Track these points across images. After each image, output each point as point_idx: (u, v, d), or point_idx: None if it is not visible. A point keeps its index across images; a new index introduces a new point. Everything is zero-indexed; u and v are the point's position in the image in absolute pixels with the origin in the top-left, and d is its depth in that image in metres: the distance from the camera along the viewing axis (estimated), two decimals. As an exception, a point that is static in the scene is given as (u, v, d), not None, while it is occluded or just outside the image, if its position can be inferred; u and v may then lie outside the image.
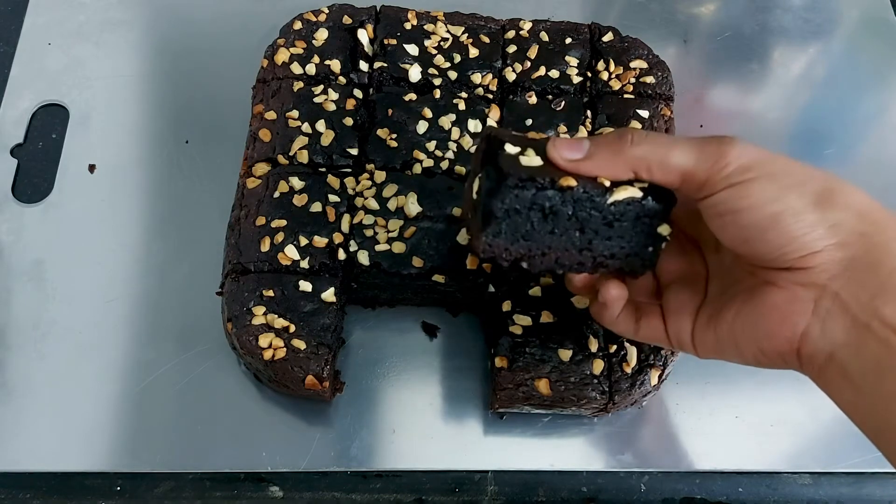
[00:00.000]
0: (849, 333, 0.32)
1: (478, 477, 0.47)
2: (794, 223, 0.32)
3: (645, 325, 0.40)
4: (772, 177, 0.32)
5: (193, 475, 0.47)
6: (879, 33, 0.66)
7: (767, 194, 0.32)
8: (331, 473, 0.47)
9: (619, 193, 0.35)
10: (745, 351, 0.36)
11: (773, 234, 0.32)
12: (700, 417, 0.50)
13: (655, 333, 0.40)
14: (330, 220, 0.48)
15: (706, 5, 0.66)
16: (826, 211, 0.32)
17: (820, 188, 0.32)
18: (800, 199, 0.32)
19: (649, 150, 0.34)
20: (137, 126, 0.57)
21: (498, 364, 0.46)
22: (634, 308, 0.41)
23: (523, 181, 0.34)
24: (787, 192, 0.32)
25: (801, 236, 0.32)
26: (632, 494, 0.48)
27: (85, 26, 0.60)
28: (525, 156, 0.36)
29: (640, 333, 0.41)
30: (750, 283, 0.35)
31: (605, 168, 0.35)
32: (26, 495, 0.46)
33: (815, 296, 0.33)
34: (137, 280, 0.51)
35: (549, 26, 0.56)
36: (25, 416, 0.47)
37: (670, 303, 0.40)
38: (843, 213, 0.32)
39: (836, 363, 0.32)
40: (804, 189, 0.32)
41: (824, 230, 0.32)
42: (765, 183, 0.32)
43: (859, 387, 0.32)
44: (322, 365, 0.45)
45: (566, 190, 0.35)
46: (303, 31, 0.54)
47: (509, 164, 0.35)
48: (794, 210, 0.32)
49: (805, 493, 0.48)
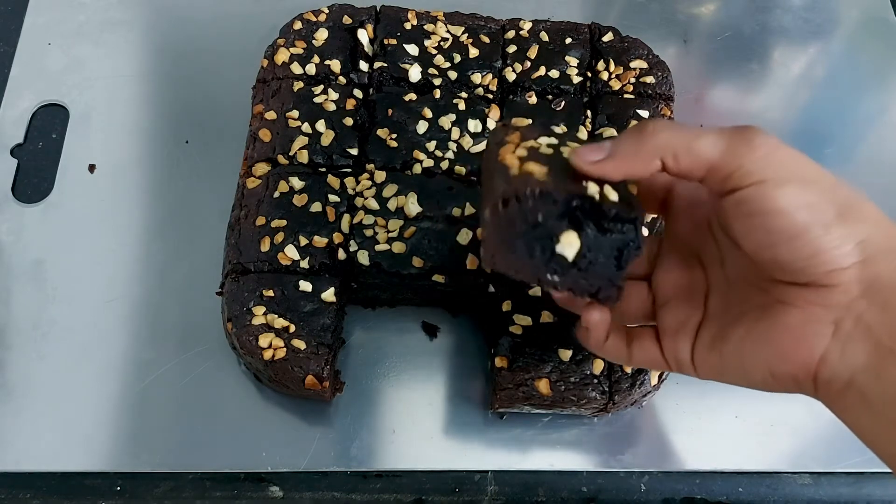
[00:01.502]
0: (871, 358, 0.30)
1: (478, 477, 0.47)
2: (824, 234, 0.30)
3: (638, 349, 0.38)
4: (805, 181, 0.31)
5: (193, 475, 0.47)
6: (879, 33, 0.66)
7: (801, 199, 0.30)
8: (331, 473, 0.47)
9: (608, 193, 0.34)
10: (753, 373, 0.34)
11: (801, 242, 0.30)
12: (700, 417, 0.50)
13: (650, 356, 0.38)
14: (330, 220, 0.48)
15: (706, 5, 0.66)
16: (855, 225, 0.30)
17: (847, 200, 0.31)
18: (830, 208, 0.30)
19: (673, 136, 0.32)
20: (137, 126, 0.57)
21: (498, 364, 0.46)
22: (626, 332, 0.39)
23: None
24: (820, 199, 0.30)
25: (830, 249, 0.30)
26: (632, 494, 0.48)
27: (85, 26, 0.60)
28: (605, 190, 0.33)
29: (634, 359, 0.38)
30: (761, 300, 0.33)
31: (629, 163, 0.33)
32: (26, 495, 0.46)
33: (836, 317, 0.31)
34: (137, 280, 0.51)
35: (549, 26, 0.56)
36: (25, 416, 0.47)
37: (667, 322, 0.37)
38: (872, 229, 0.30)
39: (856, 389, 0.31)
40: (834, 198, 0.30)
41: (853, 246, 0.30)
42: (798, 187, 0.30)
43: (879, 413, 0.30)
44: (322, 365, 0.45)
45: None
46: (303, 31, 0.54)
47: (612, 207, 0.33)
48: (825, 221, 0.30)
49: (805, 493, 0.48)
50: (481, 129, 0.51)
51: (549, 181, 0.33)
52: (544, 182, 0.33)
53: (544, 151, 0.36)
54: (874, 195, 0.32)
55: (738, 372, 0.35)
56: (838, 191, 0.31)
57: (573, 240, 0.34)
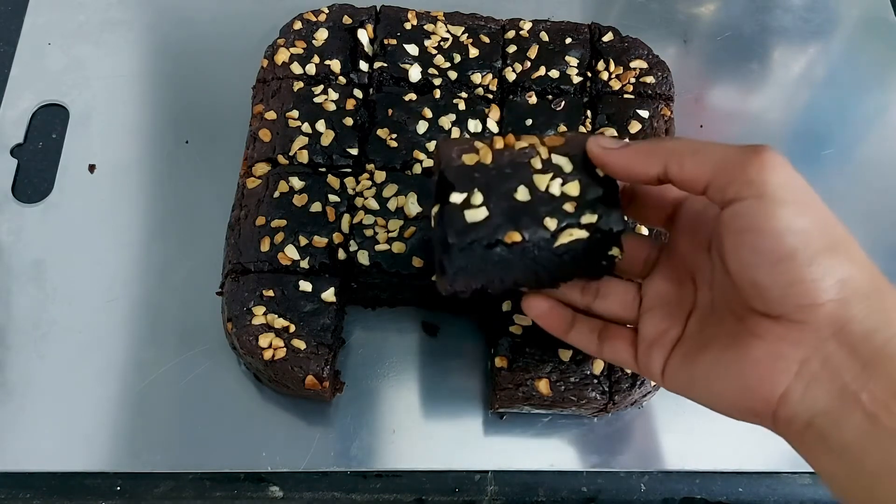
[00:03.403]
0: (832, 402, 0.30)
1: (478, 477, 0.47)
2: (807, 265, 0.30)
3: (609, 348, 0.39)
4: (803, 206, 0.30)
5: (193, 475, 0.47)
6: (879, 33, 0.66)
7: (795, 223, 0.30)
8: (331, 473, 0.47)
9: (563, 238, 0.36)
10: (717, 400, 0.34)
11: (784, 268, 0.30)
12: (700, 417, 0.49)
13: (621, 357, 0.39)
14: (330, 220, 0.48)
15: (706, 5, 0.66)
16: (841, 262, 0.30)
17: (839, 236, 0.31)
18: (821, 240, 0.30)
19: (682, 143, 0.33)
20: (137, 126, 0.57)
21: (498, 364, 0.46)
22: (602, 327, 0.40)
23: (471, 241, 0.36)
24: (813, 228, 0.30)
25: (809, 281, 0.30)
26: (632, 494, 0.48)
27: (85, 26, 0.60)
28: (471, 208, 0.36)
29: (604, 355, 0.39)
30: (734, 329, 0.33)
31: (637, 161, 0.34)
32: (26, 495, 0.46)
33: (804, 356, 0.30)
34: (137, 280, 0.51)
35: (549, 26, 0.56)
36: (25, 416, 0.47)
37: (647, 330, 0.38)
38: (856, 269, 0.30)
39: (815, 431, 0.30)
40: (827, 231, 0.30)
41: (833, 282, 0.30)
42: (795, 210, 0.30)
43: (839, 458, 0.30)
44: (322, 365, 0.45)
45: (513, 245, 0.36)
46: (303, 31, 0.54)
47: (456, 221, 0.36)
48: (813, 251, 0.30)
49: (805, 493, 0.48)
50: (481, 129, 0.51)
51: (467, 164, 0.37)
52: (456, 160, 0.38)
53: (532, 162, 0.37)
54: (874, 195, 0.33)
55: (703, 395, 0.35)
56: (832, 225, 0.31)
57: (436, 211, 0.38)
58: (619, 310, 0.40)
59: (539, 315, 0.40)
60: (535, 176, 0.37)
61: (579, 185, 0.36)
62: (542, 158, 0.37)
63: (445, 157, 0.38)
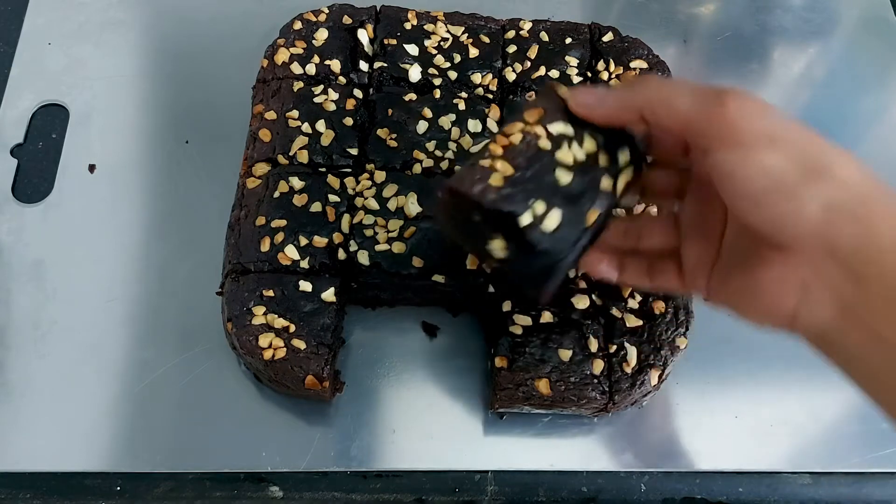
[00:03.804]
0: (836, 317, 0.32)
1: (478, 477, 0.47)
2: (786, 200, 0.31)
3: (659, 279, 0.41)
4: (773, 144, 0.31)
5: (193, 475, 0.47)
6: (879, 33, 0.66)
7: (766, 164, 0.31)
8: (331, 473, 0.47)
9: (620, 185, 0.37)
10: (747, 317, 0.36)
11: (767, 207, 0.31)
12: (700, 417, 0.50)
13: (671, 285, 0.40)
14: (330, 220, 0.48)
15: (706, 5, 0.66)
16: (821, 186, 0.31)
17: (817, 158, 0.31)
18: (796, 171, 0.31)
19: (654, 91, 0.34)
20: (137, 126, 0.57)
21: (498, 364, 0.46)
22: (649, 263, 0.41)
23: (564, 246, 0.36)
24: (786, 163, 0.31)
25: (791, 214, 0.31)
26: (632, 494, 0.48)
27: (85, 26, 0.60)
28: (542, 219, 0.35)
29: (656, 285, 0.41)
30: (749, 254, 0.35)
31: (617, 114, 0.36)
32: (26, 495, 0.46)
33: (804, 279, 0.32)
34: (137, 280, 0.51)
35: (549, 26, 0.56)
36: (25, 416, 0.47)
37: (688, 257, 0.39)
38: (839, 189, 0.31)
39: (827, 341, 0.33)
40: (803, 159, 0.31)
41: (818, 208, 0.31)
42: (764, 151, 0.31)
43: (851, 364, 0.33)
44: (322, 365, 0.45)
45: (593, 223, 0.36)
46: (303, 31, 0.54)
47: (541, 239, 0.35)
48: (789, 185, 0.31)
49: (805, 493, 0.48)
50: (481, 129, 0.51)
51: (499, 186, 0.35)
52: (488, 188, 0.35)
53: (541, 145, 0.36)
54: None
55: (738, 312, 0.37)
56: (809, 149, 0.31)
57: (501, 245, 0.37)
58: (662, 243, 0.41)
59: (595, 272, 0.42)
60: (556, 156, 0.36)
61: (592, 139, 0.37)
62: (545, 137, 0.37)
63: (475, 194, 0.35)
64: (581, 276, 0.48)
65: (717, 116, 0.32)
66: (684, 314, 0.48)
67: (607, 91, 0.36)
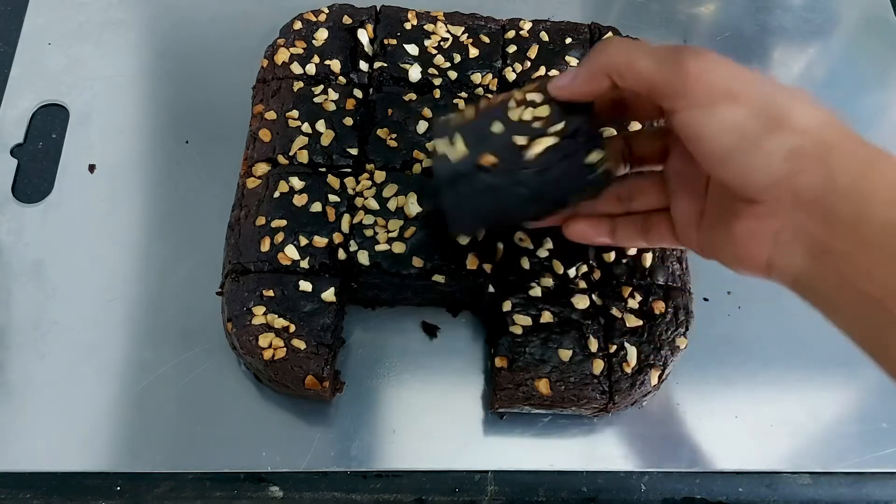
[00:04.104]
0: (809, 263, 0.33)
1: (478, 477, 0.47)
2: (749, 154, 0.32)
3: (653, 236, 0.42)
4: (732, 100, 0.32)
5: (193, 475, 0.47)
6: (879, 33, 0.66)
7: (726, 121, 0.32)
8: (331, 473, 0.47)
9: (535, 148, 0.38)
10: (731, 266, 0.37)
11: (731, 163, 0.32)
12: (700, 417, 0.50)
13: (665, 240, 0.42)
14: (330, 220, 0.48)
15: (706, 5, 0.66)
16: (784, 137, 0.31)
17: (779, 110, 0.32)
18: (757, 124, 0.32)
19: (617, 54, 0.35)
20: (137, 126, 0.57)
21: (498, 364, 0.46)
22: (642, 221, 0.42)
23: (453, 175, 0.40)
24: (747, 118, 0.32)
25: (756, 168, 0.32)
26: (632, 494, 0.48)
27: (85, 26, 0.60)
28: (453, 146, 0.40)
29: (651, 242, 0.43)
30: (728, 207, 0.36)
31: (588, 84, 0.37)
32: (26, 495, 0.46)
33: (775, 229, 0.33)
34: (137, 280, 0.51)
35: (549, 26, 0.56)
36: (25, 416, 0.47)
37: (677, 212, 0.40)
38: (801, 137, 0.31)
39: (802, 285, 0.34)
40: (764, 111, 0.32)
41: (780, 159, 0.31)
42: (724, 108, 0.32)
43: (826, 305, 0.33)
44: (322, 365, 0.45)
45: (490, 168, 0.39)
46: (303, 31, 0.54)
47: (439, 164, 0.41)
48: (752, 139, 0.31)
49: (805, 493, 0.48)
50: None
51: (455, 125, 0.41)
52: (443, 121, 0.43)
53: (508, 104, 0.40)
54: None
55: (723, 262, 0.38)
56: (767, 100, 0.32)
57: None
58: (654, 202, 0.42)
59: (581, 235, 0.43)
60: (510, 112, 0.40)
61: (549, 107, 0.39)
62: (517, 99, 0.40)
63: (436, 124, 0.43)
64: (581, 276, 0.48)
65: (676, 77, 0.33)
66: (684, 314, 0.48)
67: (578, 66, 0.38)
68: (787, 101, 0.32)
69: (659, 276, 0.48)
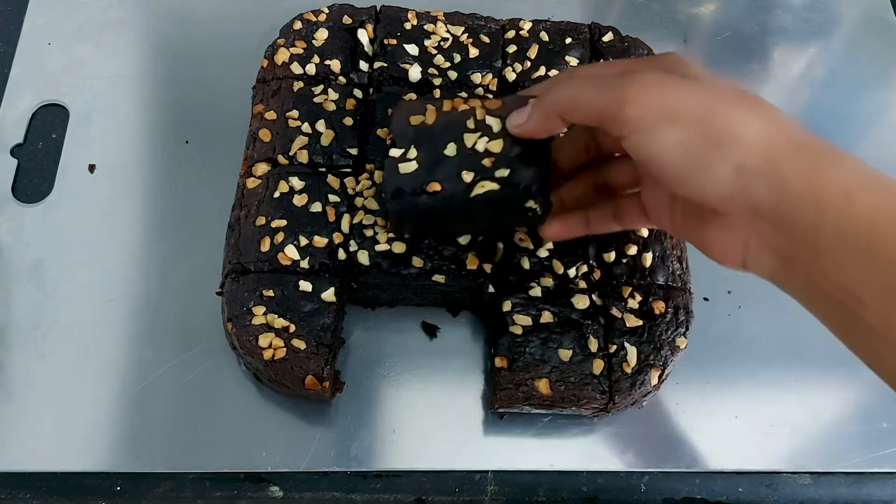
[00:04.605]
0: (778, 266, 0.34)
1: (478, 477, 0.47)
2: (699, 170, 0.32)
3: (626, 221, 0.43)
4: (672, 119, 0.32)
5: (193, 475, 0.47)
6: (879, 33, 0.66)
7: (670, 142, 0.32)
8: (331, 473, 0.47)
9: (477, 189, 0.40)
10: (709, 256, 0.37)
11: (685, 181, 0.33)
12: (700, 417, 0.50)
13: (638, 224, 0.43)
14: (330, 220, 0.48)
15: (706, 5, 0.66)
16: (729, 151, 0.31)
17: (721, 124, 0.32)
18: (700, 142, 0.32)
19: (559, 95, 0.36)
20: (137, 126, 0.57)
21: (498, 364, 0.46)
22: (614, 208, 0.43)
23: (399, 186, 0.42)
24: (689, 135, 0.32)
25: (708, 183, 0.32)
26: (632, 494, 0.48)
27: (85, 26, 0.60)
28: (405, 161, 0.42)
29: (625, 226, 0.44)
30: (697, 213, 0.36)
31: (541, 125, 0.38)
32: (26, 495, 0.46)
33: (743, 237, 0.34)
34: (137, 280, 0.51)
35: (549, 26, 0.56)
36: (25, 416, 0.47)
37: (646, 196, 0.41)
38: (745, 151, 0.31)
39: (777, 282, 0.35)
40: (706, 128, 0.32)
41: (728, 174, 0.32)
42: (666, 129, 0.32)
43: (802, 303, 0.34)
44: (322, 365, 0.45)
45: (435, 193, 0.41)
46: (303, 31, 0.54)
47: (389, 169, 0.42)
48: (697, 155, 0.32)
49: (805, 493, 0.48)
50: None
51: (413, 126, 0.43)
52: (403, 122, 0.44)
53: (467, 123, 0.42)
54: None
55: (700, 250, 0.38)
56: (711, 115, 0.32)
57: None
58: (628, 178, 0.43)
59: (557, 235, 0.45)
60: (465, 134, 0.41)
61: (502, 143, 0.40)
62: (476, 119, 0.41)
63: (396, 117, 0.44)
64: (581, 276, 0.48)
65: (616, 105, 0.33)
66: (684, 314, 0.48)
67: (532, 105, 0.38)
68: (728, 112, 0.32)
69: (659, 276, 0.48)
